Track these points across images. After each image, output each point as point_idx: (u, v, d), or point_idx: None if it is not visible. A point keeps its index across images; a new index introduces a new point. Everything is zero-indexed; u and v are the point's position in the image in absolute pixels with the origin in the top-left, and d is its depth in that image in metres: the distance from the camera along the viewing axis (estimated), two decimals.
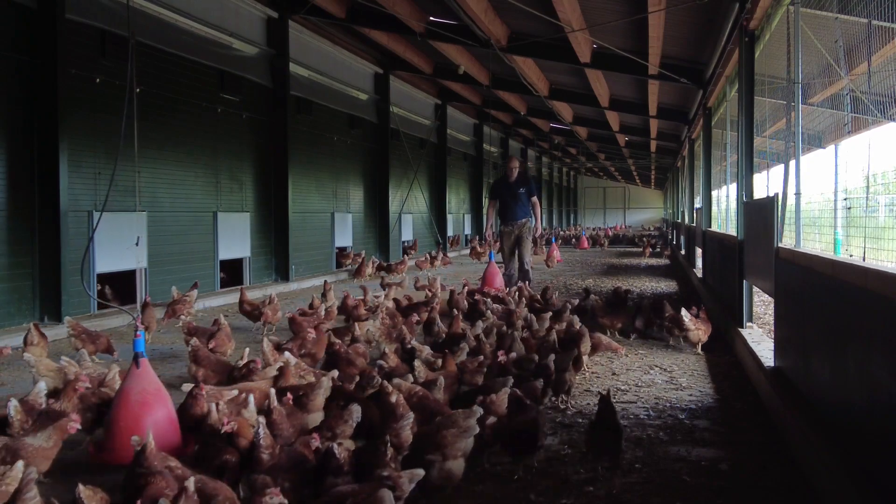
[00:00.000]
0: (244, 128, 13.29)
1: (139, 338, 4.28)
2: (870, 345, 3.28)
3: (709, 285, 11.59)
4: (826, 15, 5.21)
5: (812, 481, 3.82)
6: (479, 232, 27.94)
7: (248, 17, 13.28)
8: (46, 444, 3.62)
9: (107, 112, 9.70)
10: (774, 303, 5.90)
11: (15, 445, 3.57)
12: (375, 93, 19.06)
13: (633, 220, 56.76)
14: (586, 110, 20.94)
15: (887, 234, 4.19)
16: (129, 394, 4.10)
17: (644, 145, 26.90)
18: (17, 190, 8.73)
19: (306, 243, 15.49)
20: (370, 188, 19.22)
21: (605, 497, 3.71)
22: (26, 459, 3.50)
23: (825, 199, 5.62)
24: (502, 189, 11.49)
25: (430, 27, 13.50)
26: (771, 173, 8.39)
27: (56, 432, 3.66)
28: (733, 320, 7.77)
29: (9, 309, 8.63)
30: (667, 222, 35.54)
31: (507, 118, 27.00)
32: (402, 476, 3.17)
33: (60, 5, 8.89)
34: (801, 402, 4.51)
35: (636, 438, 4.63)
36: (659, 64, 11.89)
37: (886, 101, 4.25)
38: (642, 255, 23.16)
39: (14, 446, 3.57)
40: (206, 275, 12.00)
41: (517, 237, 11.29)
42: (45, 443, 3.62)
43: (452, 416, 3.79)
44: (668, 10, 9.00)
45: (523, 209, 11.29)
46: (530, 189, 11.43)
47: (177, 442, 4.13)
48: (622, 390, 5.88)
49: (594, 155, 36.75)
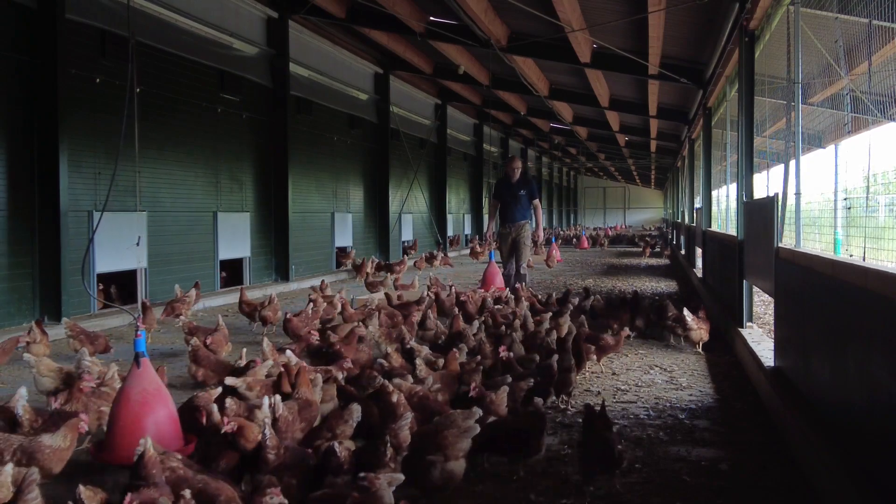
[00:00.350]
0: (244, 128, 13.29)
1: (140, 338, 4.28)
2: (870, 345, 3.28)
3: (709, 285, 11.59)
4: (826, 15, 5.21)
5: (812, 481, 3.82)
6: (479, 232, 27.94)
7: (248, 17, 13.28)
8: (63, 443, 3.57)
9: (107, 112, 9.70)
10: (774, 303, 5.90)
11: (31, 447, 3.48)
12: (375, 93, 19.06)
13: (633, 220, 56.76)
14: (586, 110, 20.94)
15: (887, 234, 4.19)
16: (129, 394, 4.10)
17: (644, 145, 26.90)
18: (17, 190, 8.73)
19: (306, 243, 15.50)
20: (370, 188, 19.22)
21: (606, 497, 3.71)
22: (43, 461, 3.47)
23: (825, 199, 5.62)
24: (503, 189, 11.32)
25: (430, 27, 13.50)
26: (771, 173, 8.39)
27: (70, 431, 3.62)
28: (733, 320, 7.77)
29: (9, 309, 8.63)
30: (667, 222, 35.56)
31: (507, 118, 27.00)
32: (379, 478, 3.10)
33: (60, 5, 8.89)
34: (801, 402, 4.51)
35: (636, 438, 4.63)
36: (659, 64, 11.89)
37: (886, 100, 4.25)
38: (642, 255, 23.16)
39: (30, 448, 3.48)
40: (207, 275, 12.00)
41: (514, 240, 11.08)
42: (63, 443, 3.57)
43: (451, 415, 3.79)
44: (668, 10, 9.00)
45: (522, 211, 11.08)
46: (531, 191, 11.21)
47: (178, 441, 4.13)
48: (622, 390, 5.88)
49: (594, 155, 36.75)
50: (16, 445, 3.48)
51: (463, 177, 27.99)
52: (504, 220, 11.22)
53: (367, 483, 3.05)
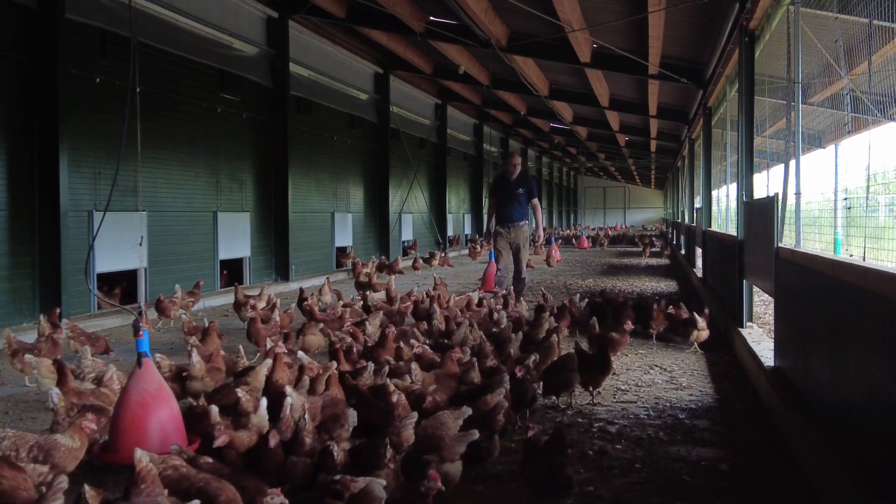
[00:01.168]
0: (244, 128, 13.29)
1: (142, 338, 4.28)
2: (870, 345, 3.29)
3: (709, 285, 11.59)
4: (826, 15, 5.21)
5: (812, 481, 3.82)
6: (479, 231, 27.93)
7: (249, 17, 13.28)
8: (74, 444, 3.59)
9: (107, 112, 9.70)
10: (774, 303, 5.90)
11: (47, 444, 3.51)
12: (375, 93, 19.06)
13: (634, 220, 56.76)
14: (586, 110, 20.94)
15: (887, 234, 4.20)
16: (131, 394, 4.10)
17: (644, 145, 26.92)
18: (17, 190, 8.73)
19: (306, 243, 15.50)
20: (370, 188, 19.22)
21: (606, 497, 3.71)
22: (58, 460, 3.49)
23: (825, 199, 5.63)
24: (501, 187, 10.85)
25: (430, 27, 13.50)
26: (771, 173, 8.40)
27: (76, 431, 3.63)
28: (733, 320, 7.77)
29: (9, 309, 8.63)
30: (667, 222, 35.54)
31: (507, 118, 27.01)
32: (356, 481, 3.05)
33: (60, 5, 8.88)
34: (801, 402, 4.51)
35: (636, 438, 4.63)
36: (659, 64, 11.89)
37: (886, 100, 4.26)
38: (642, 255, 23.17)
39: (46, 445, 3.51)
40: (207, 274, 12.00)
41: (513, 243, 10.61)
42: (73, 443, 3.59)
43: (440, 416, 3.78)
44: (668, 9, 9.00)
45: (521, 210, 10.59)
46: (530, 189, 10.72)
47: (182, 441, 4.13)
48: (622, 390, 5.88)
49: (594, 155, 36.77)
50: (32, 443, 3.50)
51: (463, 177, 28.00)
52: (501, 220, 10.74)
53: (339, 487, 3.00)
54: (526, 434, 3.62)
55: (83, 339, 6.57)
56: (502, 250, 10.70)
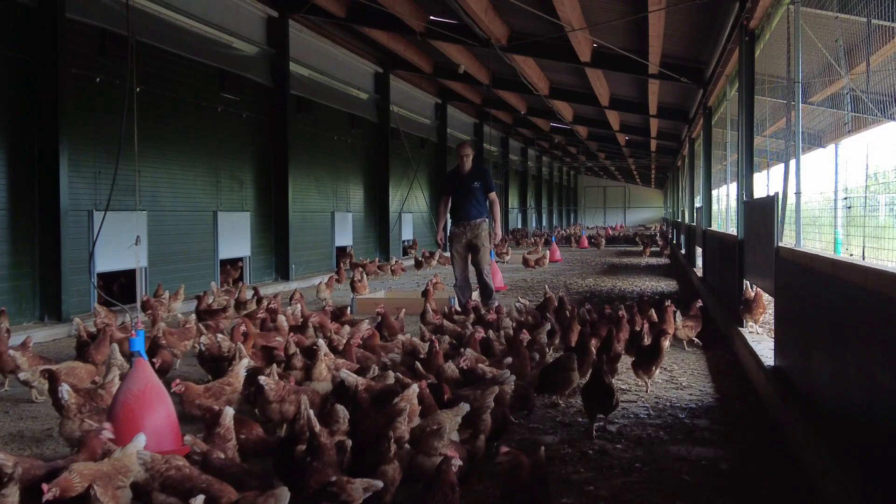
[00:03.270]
0: (244, 127, 13.29)
1: (135, 337, 4.28)
2: (870, 344, 3.28)
3: (709, 284, 11.58)
4: (826, 14, 5.21)
5: (812, 481, 3.82)
6: None
7: (249, 17, 13.28)
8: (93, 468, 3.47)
9: (107, 111, 9.69)
10: (774, 302, 5.90)
11: None
12: (376, 92, 19.06)
13: (634, 220, 56.80)
14: (586, 109, 20.94)
15: (887, 234, 4.19)
16: (124, 394, 4.09)
17: (644, 144, 26.92)
18: (17, 189, 8.73)
19: (306, 242, 15.50)
20: (370, 187, 19.22)
21: (606, 496, 3.71)
22: None
23: (825, 199, 5.62)
24: (454, 182, 9.71)
25: (430, 26, 13.50)
26: (771, 172, 8.39)
27: (88, 453, 3.45)
28: (733, 320, 7.77)
29: (9, 309, 8.60)
30: (667, 221, 35.52)
31: (507, 117, 27.01)
32: (353, 482, 2.99)
33: (60, 4, 8.88)
34: (801, 401, 4.51)
35: (636, 438, 4.63)
36: (659, 63, 11.89)
37: (886, 100, 4.25)
38: (642, 255, 23.16)
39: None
40: (207, 274, 12.00)
41: (470, 243, 9.49)
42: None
43: (436, 415, 3.77)
44: (669, 9, 9.00)
45: (478, 207, 9.49)
46: (487, 183, 9.58)
47: (177, 441, 4.12)
48: (622, 389, 5.88)
49: (594, 154, 36.75)
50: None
51: None
52: (457, 219, 9.65)
53: (335, 489, 2.97)
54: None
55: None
56: (458, 254, 9.61)
